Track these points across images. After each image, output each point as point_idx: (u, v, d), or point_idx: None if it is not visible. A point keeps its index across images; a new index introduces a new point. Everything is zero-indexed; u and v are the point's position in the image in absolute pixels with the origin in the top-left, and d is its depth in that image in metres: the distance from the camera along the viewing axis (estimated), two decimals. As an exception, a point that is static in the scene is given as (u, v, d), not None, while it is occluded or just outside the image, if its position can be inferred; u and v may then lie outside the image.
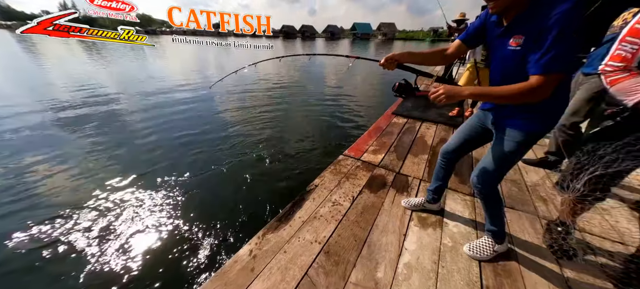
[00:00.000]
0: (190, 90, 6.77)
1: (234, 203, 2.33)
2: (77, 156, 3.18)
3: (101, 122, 4.32)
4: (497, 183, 1.10)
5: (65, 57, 13.55)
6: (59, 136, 3.78)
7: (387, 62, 1.20)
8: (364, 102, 6.08)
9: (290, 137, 3.80)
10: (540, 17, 0.75)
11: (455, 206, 1.61)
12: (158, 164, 2.95)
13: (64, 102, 5.31)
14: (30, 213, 2.14)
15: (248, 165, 2.99)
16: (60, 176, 2.71)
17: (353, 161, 2.22)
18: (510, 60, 0.88)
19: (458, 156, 1.32)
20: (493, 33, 0.96)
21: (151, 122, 4.40)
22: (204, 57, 17.17)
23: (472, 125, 1.21)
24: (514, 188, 1.83)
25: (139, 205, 2.25)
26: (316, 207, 1.61)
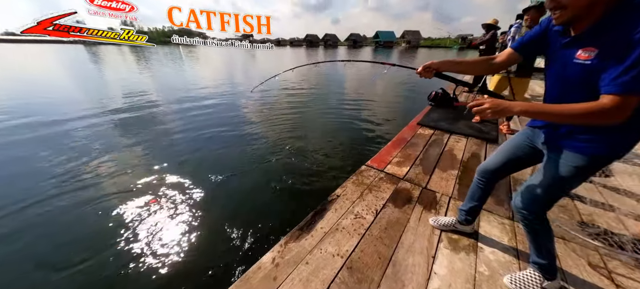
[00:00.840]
0: (220, 96, 7.26)
1: (254, 208, 2.39)
2: (119, 152, 3.56)
3: (140, 123, 4.80)
4: (546, 211, 0.97)
5: (121, 67, 15.51)
6: (110, 134, 4.27)
7: (424, 71, 1.15)
8: (386, 110, 5.94)
9: (311, 144, 3.84)
10: (623, 28, 0.64)
11: (491, 230, 1.46)
12: (186, 166, 3.17)
13: (115, 104, 6.04)
14: (76, 199, 2.42)
15: (269, 170, 3.07)
16: (102, 169, 3.05)
17: (376, 172, 2.16)
18: (574, 74, 0.78)
19: (499, 177, 1.20)
20: (556, 43, 0.85)
21: (183, 124, 4.77)
22: (236, 63, 18.36)
23: (518, 143, 1.10)
24: (563, 216, 1.61)
25: (167, 205, 2.40)
26: (338, 218, 1.58)
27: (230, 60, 22.98)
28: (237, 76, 12.29)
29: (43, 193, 2.58)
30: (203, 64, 17.58)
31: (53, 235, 2.08)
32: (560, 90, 0.86)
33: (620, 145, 0.80)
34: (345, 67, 16.59)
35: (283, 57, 28.88)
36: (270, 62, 21.51)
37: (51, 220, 2.23)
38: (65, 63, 16.85)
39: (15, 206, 2.37)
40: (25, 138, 4.07)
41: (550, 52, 0.89)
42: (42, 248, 1.95)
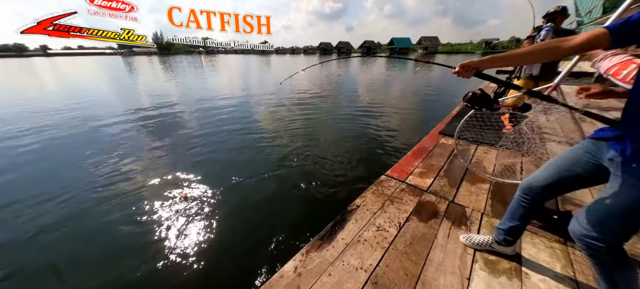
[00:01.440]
0: (239, 100, 7.50)
1: (273, 213, 2.36)
2: (146, 153, 3.73)
3: (163, 127, 5.04)
4: (621, 241, 0.79)
5: (150, 75, 16.73)
6: (135, 137, 4.52)
7: (463, 69, 1.03)
8: (404, 117, 5.76)
9: (328, 151, 3.78)
10: None
11: (537, 254, 1.29)
12: (205, 168, 3.24)
13: (142, 111, 6.45)
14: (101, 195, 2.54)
15: (286, 175, 3.05)
16: (131, 167, 3.20)
17: (397, 183, 2.05)
18: None
19: (548, 196, 1.04)
20: None
21: (204, 128, 4.94)
22: (252, 69, 19.08)
23: (576, 158, 0.94)
24: (639, 244, 1.36)
25: (188, 207, 2.44)
26: (359, 230, 1.49)
27: (246, 66, 23.93)
28: (254, 81, 12.71)
29: (73, 192, 2.76)
30: (222, 71, 18.44)
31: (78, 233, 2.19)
32: None
33: None
34: (363, 69, 16.47)
35: (295, 63, 29.57)
36: (283, 65, 22.07)
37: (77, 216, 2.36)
38: (108, 72, 18.54)
39: (58, 198, 2.57)
40: (67, 136, 4.43)
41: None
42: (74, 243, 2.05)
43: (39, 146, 4.02)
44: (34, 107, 6.79)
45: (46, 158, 3.63)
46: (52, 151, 3.89)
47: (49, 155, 3.73)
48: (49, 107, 6.75)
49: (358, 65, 27.01)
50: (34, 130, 4.74)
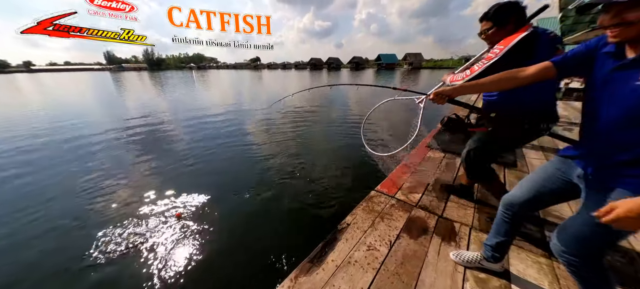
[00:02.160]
0: (225, 117, 7.42)
1: (262, 233, 2.28)
2: (128, 169, 3.55)
3: (150, 142, 4.87)
4: (598, 257, 0.82)
5: (140, 90, 16.36)
6: (120, 153, 4.32)
7: (437, 97, 1.11)
8: (393, 132, 5.89)
9: (318, 167, 3.76)
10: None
11: (526, 270, 1.29)
12: (196, 187, 3.11)
13: (129, 125, 6.22)
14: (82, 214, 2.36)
15: (278, 193, 2.98)
16: (108, 184, 3.01)
17: (387, 198, 2.04)
18: (634, 98, 0.69)
19: (528, 212, 1.07)
20: (607, 66, 0.78)
21: (192, 145, 4.81)
22: (244, 85, 19.12)
23: (549, 175, 0.98)
24: (617, 259, 1.40)
25: (174, 226, 2.32)
26: (350, 250, 1.45)
27: (238, 82, 24.02)
28: (245, 97, 12.69)
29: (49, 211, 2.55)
30: (213, 87, 18.37)
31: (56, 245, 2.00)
32: (615, 115, 0.75)
33: None
34: (355, 89, 16.95)
35: (287, 78, 30.12)
36: (275, 82, 22.33)
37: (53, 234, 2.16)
38: (95, 88, 17.95)
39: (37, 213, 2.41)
40: (56, 153, 4.15)
41: (599, 75, 0.80)
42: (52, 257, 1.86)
43: (24, 161, 3.74)
44: (22, 124, 6.39)
45: (32, 174, 3.39)
46: (37, 168, 3.64)
47: (33, 172, 3.48)
48: (37, 125, 6.40)
49: (347, 79, 27.76)
50: (22, 147, 4.42)
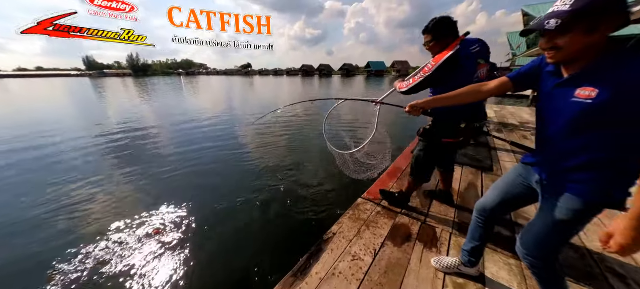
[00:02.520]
0: (216, 124, 7.30)
1: (246, 245, 2.25)
2: (108, 180, 3.40)
3: (135, 152, 4.70)
4: (553, 257, 0.91)
5: (121, 97, 15.75)
6: (99, 162, 4.13)
7: (412, 109, 1.19)
8: (380, 137, 6.01)
9: (305, 175, 3.77)
10: (625, 70, 0.67)
11: (498, 272, 1.37)
12: (175, 196, 3.03)
13: (110, 133, 5.97)
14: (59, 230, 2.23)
15: (262, 202, 2.95)
16: (89, 198, 2.87)
17: (372, 205, 2.09)
18: (574, 112, 0.77)
19: (498, 216, 1.14)
20: (548, 82, 0.86)
21: (177, 153, 4.69)
22: (233, 92, 18.90)
23: (511, 181, 1.07)
24: (572, 254, 1.53)
25: (154, 237, 2.24)
26: (334, 261, 1.47)
27: (228, 88, 23.75)
28: (233, 105, 12.54)
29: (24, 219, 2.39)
30: (202, 93, 18.05)
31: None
32: (557, 127, 0.84)
33: (622, 185, 0.76)
34: (344, 88, 17.17)
35: (278, 85, 30.14)
36: (266, 88, 22.26)
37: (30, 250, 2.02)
38: (73, 95, 17.07)
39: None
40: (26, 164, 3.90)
41: (544, 90, 0.89)
42: None
43: None
44: None
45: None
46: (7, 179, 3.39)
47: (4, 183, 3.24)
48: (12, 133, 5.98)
49: (338, 85, 28.16)
50: None
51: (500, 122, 5.56)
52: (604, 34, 0.69)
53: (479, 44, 1.49)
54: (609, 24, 0.68)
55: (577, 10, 0.67)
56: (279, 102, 13.21)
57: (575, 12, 0.68)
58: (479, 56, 1.47)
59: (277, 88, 25.20)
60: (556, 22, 0.70)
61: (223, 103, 12.71)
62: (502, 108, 7.27)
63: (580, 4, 0.67)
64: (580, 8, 0.67)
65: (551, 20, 0.72)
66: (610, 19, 0.67)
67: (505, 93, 1.06)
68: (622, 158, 0.73)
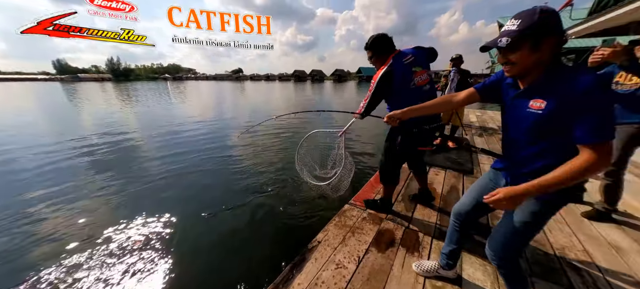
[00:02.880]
0: (204, 131, 7.16)
1: (231, 254, 2.20)
2: (85, 193, 3.24)
3: (115, 160, 4.52)
4: (517, 257, 0.99)
5: (97, 102, 15.08)
6: (75, 172, 3.93)
7: (390, 120, 1.27)
8: (368, 143, 6.13)
9: (293, 180, 3.77)
10: (564, 85, 0.76)
11: (474, 274, 1.43)
12: (160, 205, 2.94)
13: (86, 142, 5.70)
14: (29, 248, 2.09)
15: (248, 209, 2.92)
16: (65, 214, 2.72)
17: (359, 212, 2.13)
18: (528, 122, 0.86)
19: (472, 219, 1.21)
20: (508, 94, 0.95)
21: (160, 161, 4.55)
22: (222, 98, 18.60)
23: (484, 185, 1.14)
24: (539, 252, 1.64)
25: (134, 248, 2.16)
26: (318, 270, 1.48)
27: (218, 94, 23.40)
28: (223, 110, 12.37)
29: None
30: (189, 99, 17.66)
31: None
32: (517, 135, 0.93)
33: (567, 190, 0.85)
34: (336, 99, 17.41)
35: (271, 90, 30.06)
36: (257, 94, 22.12)
37: None
38: (39, 101, 16.14)
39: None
40: None
41: (505, 101, 0.99)
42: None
43: None
44: None
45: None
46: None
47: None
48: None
49: (330, 91, 28.46)
50: None
51: (481, 127, 5.82)
52: (547, 52, 0.78)
53: (416, 53, 1.69)
54: (550, 43, 0.77)
55: (522, 30, 0.77)
56: (272, 107, 13.14)
57: (521, 31, 0.77)
58: (414, 65, 1.66)
59: (270, 93, 25.13)
60: (507, 40, 0.79)
61: (212, 109, 12.49)
62: (484, 114, 7.63)
63: (525, 25, 0.76)
64: (525, 28, 0.76)
65: (503, 38, 0.80)
66: (550, 39, 0.76)
67: (473, 102, 1.15)
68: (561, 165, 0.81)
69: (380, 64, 1.72)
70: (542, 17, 0.74)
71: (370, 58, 1.79)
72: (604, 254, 1.63)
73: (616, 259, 1.58)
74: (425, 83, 1.72)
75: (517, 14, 0.80)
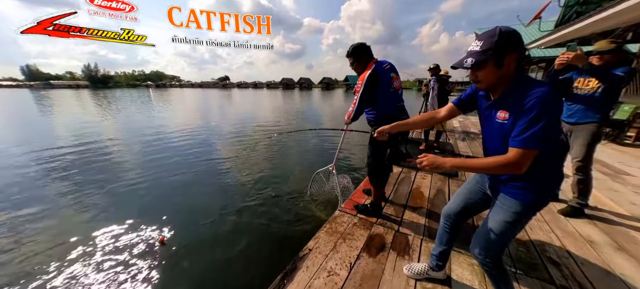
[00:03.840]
0: (190, 139, 6.91)
1: (221, 267, 2.10)
2: (58, 206, 2.97)
3: (93, 169, 4.22)
4: (500, 255, 1.02)
5: (71, 110, 14.16)
6: (46, 188, 3.61)
7: (379, 134, 1.33)
8: (359, 149, 6.21)
9: (284, 187, 3.71)
10: (520, 96, 0.83)
11: (462, 274, 1.46)
12: (146, 214, 2.76)
13: (58, 153, 5.29)
14: None
15: (238, 218, 2.82)
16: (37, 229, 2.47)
17: (349, 218, 2.12)
18: (497, 130, 0.94)
19: (461, 220, 1.25)
20: (482, 104, 1.03)
21: (143, 171, 4.32)
22: (207, 106, 18.15)
23: (471, 187, 1.20)
24: (521, 249, 1.71)
25: (114, 263, 1.99)
26: (309, 279, 1.44)
27: (203, 102, 22.83)
28: (209, 118, 12.06)
29: None
30: (174, 108, 17.07)
31: None
32: (491, 142, 1.01)
33: (545, 190, 0.92)
34: (328, 107, 17.57)
35: (258, 97, 29.81)
36: (245, 100, 21.86)
37: None
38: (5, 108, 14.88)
39: None
40: None
41: (480, 111, 1.07)
42: None
43: None
44: None
45: None
46: None
47: None
48: None
49: (319, 98, 28.77)
50: None
51: (464, 131, 6.10)
52: (511, 67, 0.85)
53: (389, 63, 1.87)
54: (512, 59, 0.84)
55: (485, 51, 0.84)
56: (260, 115, 12.99)
57: (484, 52, 0.84)
58: (391, 71, 1.85)
59: (258, 101, 24.91)
60: (472, 60, 0.86)
61: (198, 117, 12.13)
62: (466, 119, 8.02)
63: (487, 46, 0.83)
64: (487, 49, 0.83)
65: (468, 59, 0.87)
66: (511, 55, 0.83)
67: (455, 116, 1.24)
68: (538, 169, 0.87)
69: (361, 70, 1.86)
70: (502, 36, 0.81)
71: (351, 64, 1.92)
72: (579, 248, 1.73)
73: (590, 252, 1.68)
74: (400, 88, 1.94)
75: (479, 35, 0.88)
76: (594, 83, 1.87)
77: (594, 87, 1.86)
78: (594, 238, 1.83)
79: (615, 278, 1.45)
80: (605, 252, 1.68)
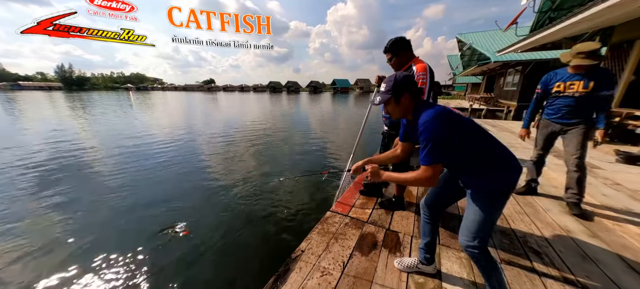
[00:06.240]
0: (168, 144, 6.62)
1: (214, 271, 2.01)
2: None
3: (70, 179, 3.91)
4: (485, 243, 1.06)
5: (44, 115, 13.15)
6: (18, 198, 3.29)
7: (355, 171, 1.40)
8: (348, 149, 6.25)
9: (275, 191, 3.65)
10: (416, 124, 1.04)
11: (452, 267, 1.49)
12: (131, 220, 2.59)
13: (29, 160, 4.86)
14: None
15: (228, 221, 2.73)
16: None
17: (341, 218, 2.11)
18: None
19: (439, 210, 1.31)
20: None
21: (127, 173, 4.07)
22: (190, 109, 17.56)
23: (447, 177, 1.26)
24: (505, 241, 1.79)
25: (103, 270, 1.84)
26: (303, 280, 1.41)
27: (187, 106, 22.08)
28: (189, 123, 11.65)
29: None
30: (156, 112, 16.34)
31: None
32: None
33: (499, 180, 1.02)
34: (317, 110, 17.57)
35: (245, 101, 29.34)
36: (232, 103, 21.39)
37: None
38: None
39: None
40: None
41: None
42: None
43: None
44: None
45: None
46: None
47: None
48: None
49: (307, 100, 28.80)
50: None
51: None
52: (407, 103, 1.08)
53: None
54: (407, 98, 1.07)
55: (387, 91, 1.09)
56: (247, 118, 12.74)
57: (386, 92, 1.09)
58: None
59: (244, 105, 24.47)
60: (379, 99, 1.13)
61: (185, 120, 11.69)
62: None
63: (388, 88, 1.09)
64: (388, 90, 1.09)
65: (377, 98, 1.15)
66: (406, 95, 1.07)
67: (409, 150, 1.35)
68: (482, 163, 1.02)
69: (398, 67, 1.76)
70: (397, 81, 1.07)
71: (389, 60, 1.79)
72: (557, 237, 1.83)
73: (567, 241, 1.79)
74: None
75: (386, 79, 1.13)
76: (577, 86, 1.94)
77: (579, 90, 1.94)
78: (571, 228, 1.95)
79: (591, 263, 1.55)
80: (580, 239, 1.79)
